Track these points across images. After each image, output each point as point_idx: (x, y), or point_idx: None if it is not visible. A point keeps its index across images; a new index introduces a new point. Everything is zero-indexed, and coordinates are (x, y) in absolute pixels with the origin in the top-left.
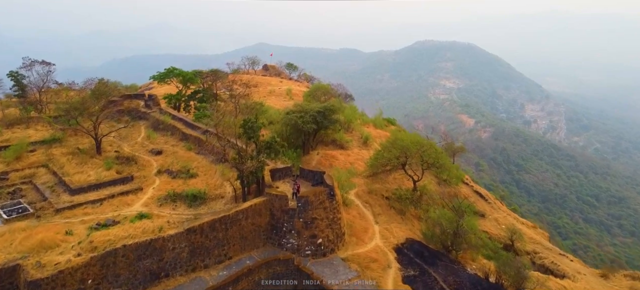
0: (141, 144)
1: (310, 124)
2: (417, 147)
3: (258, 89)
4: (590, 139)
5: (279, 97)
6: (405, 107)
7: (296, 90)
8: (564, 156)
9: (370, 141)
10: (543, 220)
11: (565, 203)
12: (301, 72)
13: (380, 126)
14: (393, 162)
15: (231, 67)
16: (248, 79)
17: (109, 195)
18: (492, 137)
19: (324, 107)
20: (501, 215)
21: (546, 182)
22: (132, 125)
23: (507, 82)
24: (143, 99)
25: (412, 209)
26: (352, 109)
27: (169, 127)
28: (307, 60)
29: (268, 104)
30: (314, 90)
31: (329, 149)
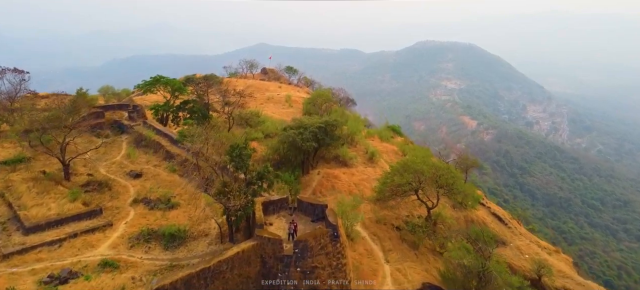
0: (120, 163)
1: (310, 141)
2: (432, 170)
3: (255, 96)
4: (593, 140)
5: (278, 105)
6: (407, 108)
7: (296, 97)
8: (567, 159)
9: (376, 157)
10: (548, 225)
11: (570, 207)
12: (301, 76)
13: (386, 139)
14: (404, 188)
15: (228, 70)
16: (244, 86)
17: (71, 233)
18: (494, 140)
19: (326, 122)
20: (523, 243)
21: (550, 185)
22: (112, 140)
23: (509, 82)
24: (127, 109)
25: (427, 241)
26: (355, 120)
27: (153, 143)
28: (308, 60)
29: (265, 113)
30: (314, 97)
31: (331, 166)
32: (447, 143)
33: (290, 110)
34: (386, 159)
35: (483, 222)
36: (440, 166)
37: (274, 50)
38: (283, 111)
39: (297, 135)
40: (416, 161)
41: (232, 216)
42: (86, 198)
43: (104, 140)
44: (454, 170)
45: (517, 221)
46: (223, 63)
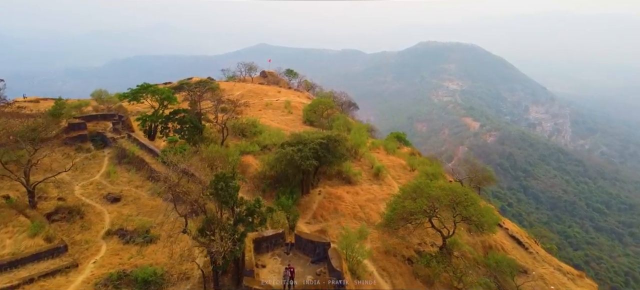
0: (98, 183)
1: (310, 160)
2: (450, 196)
3: (253, 102)
4: (597, 142)
5: (277, 111)
6: (409, 110)
7: (296, 103)
8: (571, 161)
9: (383, 173)
10: (553, 230)
11: (575, 210)
12: (301, 79)
13: (392, 151)
14: (417, 216)
15: (227, 73)
16: (242, 90)
17: (26, 278)
18: (497, 142)
19: (328, 137)
20: (547, 270)
21: (554, 188)
22: (93, 155)
23: (511, 83)
24: (112, 120)
25: (443, 275)
26: (359, 130)
27: (136, 160)
28: (308, 61)
29: (263, 121)
30: (315, 104)
31: (333, 184)
32: (449, 145)
33: (290, 117)
34: (393, 175)
35: (502, 247)
36: (457, 190)
37: (275, 50)
38: (282, 118)
39: (296, 153)
40: (430, 185)
41: (216, 261)
42: (51, 231)
43: (84, 155)
44: (472, 194)
45: (535, 241)
46: (224, 63)
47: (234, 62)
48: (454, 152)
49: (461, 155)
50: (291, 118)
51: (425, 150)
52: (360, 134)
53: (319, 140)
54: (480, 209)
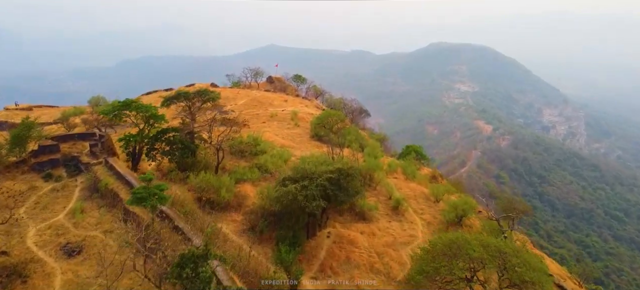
0: (59, 226)
1: (317, 200)
2: (498, 258)
3: (257, 112)
4: (612, 145)
5: (282, 123)
6: (419, 112)
7: (303, 113)
8: (587, 166)
9: (403, 206)
10: (570, 239)
11: (592, 218)
12: (310, 85)
13: (412, 175)
14: (455, 286)
15: (231, 78)
16: (246, 98)
17: None
18: (511, 146)
19: (339, 171)
20: None
21: (571, 195)
22: (62, 185)
23: (523, 85)
24: (92, 139)
25: None
26: (373, 149)
27: (109, 194)
28: (318, 62)
29: (267, 135)
30: (324, 117)
31: (344, 221)
32: (461, 148)
33: (296, 131)
34: (415, 207)
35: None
36: (507, 251)
37: (284, 51)
38: (288, 132)
39: (300, 192)
40: (470, 242)
41: None
42: None
43: (53, 185)
44: (525, 254)
45: (579, 283)
46: (232, 64)
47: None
48: (467, 156)
49: (474, 159)
50: (298, 132)
51: (437, 153)
52: (375, 154)
53: (327, 175)
54: (534, 273)
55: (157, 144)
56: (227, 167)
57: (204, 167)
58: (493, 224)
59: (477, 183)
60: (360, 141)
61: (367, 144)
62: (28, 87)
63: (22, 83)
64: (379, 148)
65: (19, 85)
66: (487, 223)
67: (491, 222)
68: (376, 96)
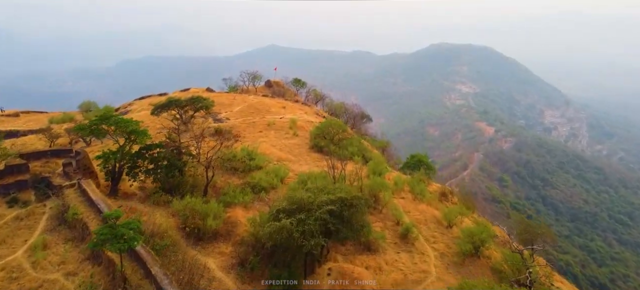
0: (14, 268)
1: (316, 238)
2: None
3: (254, 120)
4: (614, 147)
5: (280, 133)
6: (420, 113)
7: (302, 121)
8: (591, 168)
9: (413, 233)
10: (575, 244)
11: (597, 222)
12: (310, 89)
13: (421, 195)
14: None
15: (228, 82)
16: (242, 105)
17: None
18: (514, 148)
19: (343, 201)
20: None
21: (574, 198)
22: (28, 212)
23: (525, 86)
24: (68, 156)
25: None
26: (377, 164)
27: (78, 224)
28: (318, 63)
29: (263, 147)
30: (325, 127)
31: (347, 251)
32: (463, 150)
33: (295, 141)
34: (426, 234)
35: None
36: None
37: (285, 51)
38: (286, 142)
39: (296, 227)
40: None
41: None
42: None
43: (17, 211)
44: None
45: None
46: (233, 64)
47: (243, 63)
48: (469, 159)
49: (476, 162)
50: (296, 142)
51: (438, 155)
52: (380, 170)
53: (328, 207)
54: None
55: (139, 162)
56: (218, 185)
57: (191, 187)
58: (515, 256)
59: (480, 186)
60: (363, 152)
61: (371, 155)
62: (29, 87)
63: (22, 83)
64: (384, 162)
65: (20, 85)
66: (508, 255)
67: (513, 255)
68: (377, 97)
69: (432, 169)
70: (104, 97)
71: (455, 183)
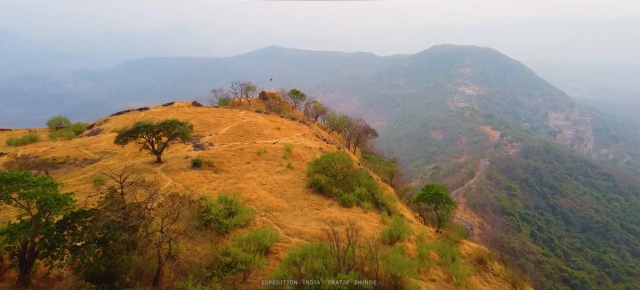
0: None
1: None
2: None
3: (242, 146)
4: (620, 151)
5: (272, 164)
6: (423, 116)
7: (299, 148)
8: (600, 175)
9: None
10: (588, 257)
11: (609, 232)
12: (309, 101)
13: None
14: None
15: (219, 95)
16: (227, 129)
17: None
18: (520, 154)
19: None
20: None
21: (585, 207)
22: None
23: (529, 88)
24: None
25: None
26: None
27: None
28: (320, 64)
29: (249, 188)
30: (326, 162)
31: None
32: (468, 156)
33: (289, 176)
34: None
35: None
36: None
37: (286, 52)
38: (277, 179)
39: None
40: None
41: None
42: None
43: None
44: None
45: None
46: (234, 65)
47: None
48: (475, 165)
49: (483, 169)
50: (291, 178)
51: (442, 160)
52: (399, 233)
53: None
54: None
55: (66, 234)
56: (181, 260)
57: (137, 273)
58: None
59: (488, 196)
60: (374, 193)
61: (383, 199)
62: (30, 88)
63: (23, 84)
64: (403, 222)
65: (20, 86)
66: None
67: None
68: (379, 99)
69: (453, 203)
70: (104, 99)
71: (462, 192)
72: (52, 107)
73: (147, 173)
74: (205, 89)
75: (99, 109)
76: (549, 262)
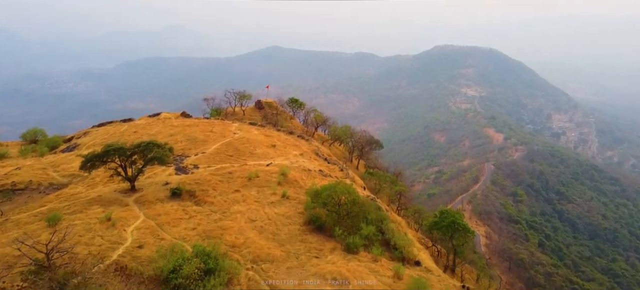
0: None
1: None
2: None
3: (231, 168)
4: (625, 153)
5: (264, 193)
6: (425, 117)
7: (296, 171)
8: (606, 179)
9: None
10: (598, 267)
11: (617, 240)
12: (309, 110)
13: None
14: None
15: (211, 104)
16: (216, 147)
17: None
18: (526, 158)
19: None
20: None
21: (592, 213)
22: None
23: (531, 89)
24: None
25: None
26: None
27: None
28: (321, 64)
29: (234, 224)
30: (326, 196)
31: None
32: (471, 159)
33: (284, 208)
34: None
35: None
36: None
37: (287, 53)
38: (270, 213)
39: None
40: None
41: None
42: None
43: None
44: None
45: None
46: (234, 66)
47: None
48: (480, 170)
49: (487, 174)
50: (285, 212)
51: (445, 163)
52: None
53: None
54: None
55: None
56: None
57: None
58: None
59: (494, 203)
60: (382, 228)
61: (396, 240)
62: (29, 88)
63: (23, 84)
64: (422, 282)
65: (21, 86)
66: None
67: None
68: (380, 100)
69: (470, 232)
70: (103, 99)
71: (467, 198)
72: (52, 107)
73: (117, 206)
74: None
75: (98, 109)
76: (559, 274)
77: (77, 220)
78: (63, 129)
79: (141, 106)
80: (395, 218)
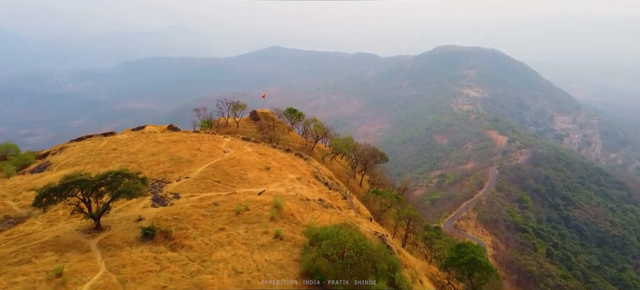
0: None
1: None
2: None
3: (217, 198)
4: (629, 155)
5: (253, 231)
6: (426, 119)
7: (292, 203)
8: (612, 183)
9: None
10: (607, 277)
11: (626, 247)
12: (309, 120)
13: None
14: None
15: (202, 115)
16: (202, 169)
17: None
18: (530, 161)
19: None
20: None
21: (600, 219)
22: None
23: (534, 90)
24: None
25: None
26: None
27: None
28: (321, 65)
29: (217, 277)
30: (327, 247)
31: None
32: (475, 163)
33: (276, 254)
34: None
35: None
36: None
37: (287, 53)
38: (259, 260)
39: None
40: None
41: None
42: None
43: None
44: None
45: None
46: (236, 66)
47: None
48: (484, 174)
49: (492, 179)
50: (278, 259)
51: (448, 167)
52: None
53: None
54: None
55: None
56: None
57: None
58: None
59: (500, 210)
60: (392, 278)
61: None
62: (29, 88)
63: (23, 84)
64: None
65: (20, 86)
66: None
67: None
68: (381, 101)
69: (492, 270)
70: (103, 99)
71: (472, 205)
72: (52, 107)
73: (75, 252)
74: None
75: (98, 109)
76: (569, 286)
77: (20, 275)
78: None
79: (141, 106)
80: (408, 261)
